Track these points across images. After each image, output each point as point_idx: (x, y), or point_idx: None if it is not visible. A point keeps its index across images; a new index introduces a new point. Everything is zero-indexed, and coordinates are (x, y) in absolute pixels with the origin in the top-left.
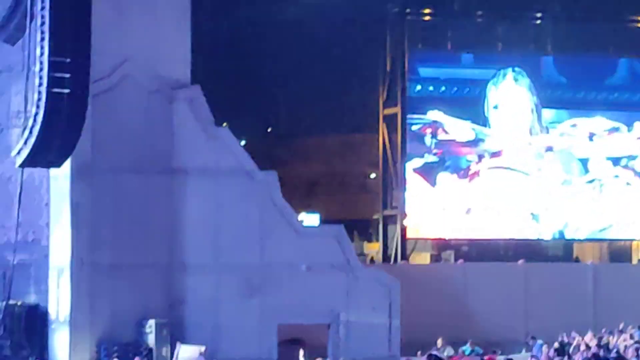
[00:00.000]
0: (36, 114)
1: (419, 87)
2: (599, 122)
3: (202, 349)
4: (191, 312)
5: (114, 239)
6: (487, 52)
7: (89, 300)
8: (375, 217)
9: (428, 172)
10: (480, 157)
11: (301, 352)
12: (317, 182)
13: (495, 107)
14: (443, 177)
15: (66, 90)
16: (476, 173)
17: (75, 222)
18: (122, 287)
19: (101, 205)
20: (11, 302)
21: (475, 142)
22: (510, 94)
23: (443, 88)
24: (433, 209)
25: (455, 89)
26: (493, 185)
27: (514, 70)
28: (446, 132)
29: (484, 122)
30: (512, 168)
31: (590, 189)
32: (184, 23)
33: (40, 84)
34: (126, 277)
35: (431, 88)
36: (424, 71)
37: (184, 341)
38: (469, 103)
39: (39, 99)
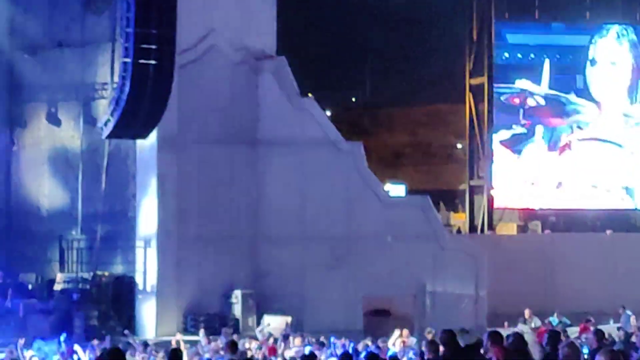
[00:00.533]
0: (122, 85)
1: (506, 55)
2: None
3: (288, 319)
4: (277, 282)
5: (200, 210)
6: (576, 20)
7: (176, 271)
8: (461, 187)
9: (516, 144)
10: (572, 128)
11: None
12: (402, 153)
13: (593, 62)
14: (531, 148)
15: (152, 62)
16: (567, 145)
17: (161, 193)
18: (208, 257)
19: (187, 177)
20: (98, 272)
21: (566, 113)
22: (610, 49)
23: (532, 55)
24: (520, 181)
25: (545, 56)
26: (584, 157)
27: (620, 25)
28: (536, 102)
29: (577, 91)
30: (605, 140)
31: None
32: None
33: (126, 56)
34: (212, 248)
35: (519, 55)
36: (512, 37)
37: (270, 312)
38: (560, 71)
39: (125, 71)
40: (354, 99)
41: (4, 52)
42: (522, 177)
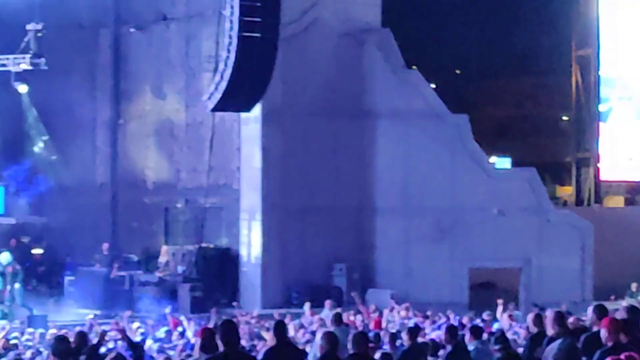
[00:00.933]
0: (227, 58)
1: None
2: None
3: (393, 292)
4: (381, 255)
5: (304, 183)
6: None
7: (280, 243)
8: (567, 160)
9: (622, 116)
10: None
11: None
12: (508, 125)
13: None
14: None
15: (257, 34)
16: None
17: (265, 165)
18: (313, 230)
19: (291, 149)
20: (203, 245)
21: None
22: None
23: None
24: (628, 153)
25: None
26: None
27: None
28: None
29: None
30: None
31: None
32: None
33: (231, 28)
34: (316, 220)
35: None
36: None
37: (374, 285)
38: None
39: (230, 44)
40: (458, 71)
41: (110, 27)
42: (629, 150)
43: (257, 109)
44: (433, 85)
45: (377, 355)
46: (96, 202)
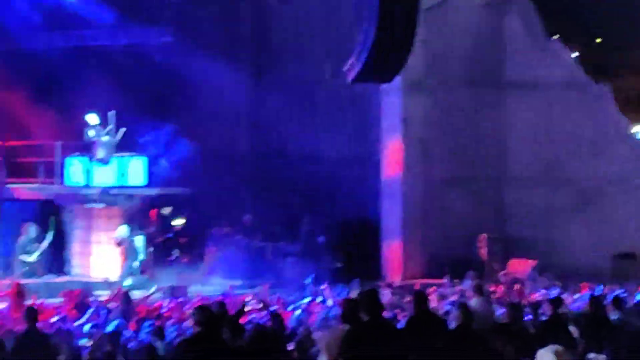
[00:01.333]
0: (368, 29)
1: None
2: None
3: (534, 263)
4: (522, 226)
5: (445, 153)
6: None
7: (421, 215)
8: None
9: None
10: None
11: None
12: None
13: None
14: None
15: (397, 5)
16: None
17: (406, 136)
18: (454, 201)
19: (432, 120)
20: (344, 216)
21: None
22: None
23: None
24: None
25: None
26: None
27: None
28: None
29: None
30: None
31: None
32: None
33: None
34: (457, 191)
35: None
36: None
37: (515, 255)
38: None
39: (371, 15)
40: (599, 40)
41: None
42: None
43: (397, 80)
44: (574, 55)
45: None
46: (237, 172)
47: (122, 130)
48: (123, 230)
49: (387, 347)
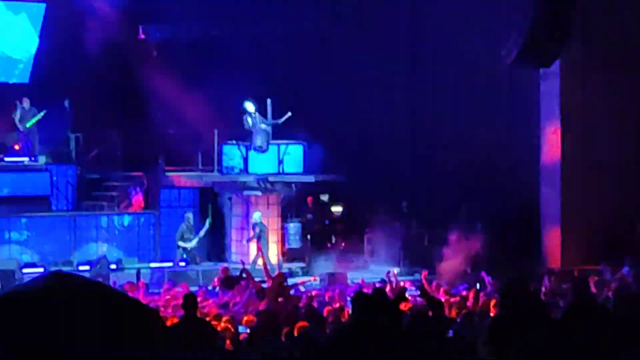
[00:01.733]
0: (526, 13)
1: None
2: None
3: None
4: None
5: (605, 138)
6: None
7: (581, 200)
8: None
9: None
10: None
11: None
12: None
13: None
14: None
15: None
16: None
17: (565, 121)
18: (615, 186)
19: (592, 104)
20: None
21: None
22: None
23: None
24: None
25: None
26: None
27: None
28: None
29: None
30: None
31: None
32: None
33: None
34: (618, 176)
35: None
36: None
37: None
38: None
39: None
40: None
41: None
42: None
43: (556, 64)
44: None
45: None
46: (395, 159)
47: (288, 114)
48: (257, 215)
49: (541, 335)
